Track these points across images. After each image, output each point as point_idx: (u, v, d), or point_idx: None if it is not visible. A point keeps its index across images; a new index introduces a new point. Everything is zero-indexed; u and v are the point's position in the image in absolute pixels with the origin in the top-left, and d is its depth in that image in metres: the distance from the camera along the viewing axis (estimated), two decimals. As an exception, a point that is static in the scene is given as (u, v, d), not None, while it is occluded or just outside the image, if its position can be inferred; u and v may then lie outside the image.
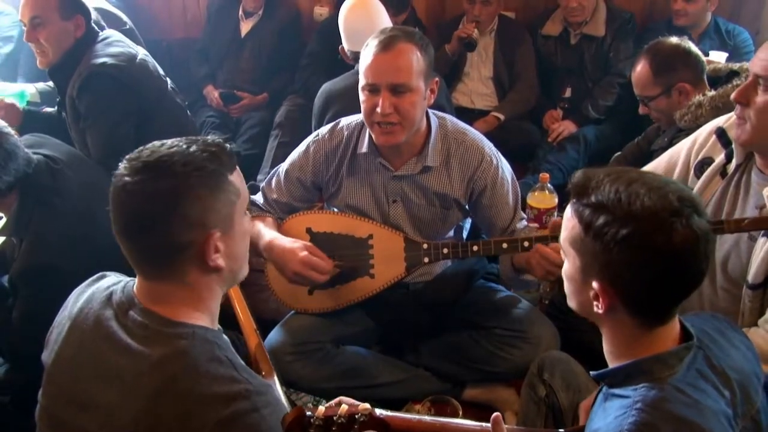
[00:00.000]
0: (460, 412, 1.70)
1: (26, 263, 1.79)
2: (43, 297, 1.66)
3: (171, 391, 1.00)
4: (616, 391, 1.06)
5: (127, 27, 3.06)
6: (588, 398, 1.44)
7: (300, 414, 1.03)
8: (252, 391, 1.02)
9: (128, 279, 1.16)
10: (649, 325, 1.05)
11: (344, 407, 1.09)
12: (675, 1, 3.01)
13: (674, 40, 2.20)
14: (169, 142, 1.09)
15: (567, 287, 1.14)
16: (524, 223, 1.95)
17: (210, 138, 1.12)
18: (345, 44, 2.49)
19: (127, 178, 1.04)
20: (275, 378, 1.43)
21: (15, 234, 1.85)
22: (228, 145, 1.12)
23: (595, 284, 1.03)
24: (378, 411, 1.11)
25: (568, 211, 1.08)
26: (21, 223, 1.81)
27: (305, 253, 1.77)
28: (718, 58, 2.64)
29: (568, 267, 1.10)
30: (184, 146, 1.07)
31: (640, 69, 2.21)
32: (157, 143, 1.09)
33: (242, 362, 1.09)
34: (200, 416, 0.98)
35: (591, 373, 1.14)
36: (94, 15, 2.57)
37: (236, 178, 1.12)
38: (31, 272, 1.79)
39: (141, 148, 1.09)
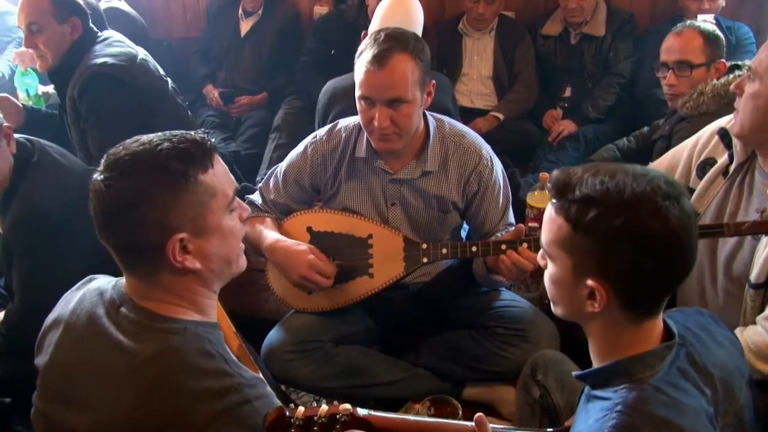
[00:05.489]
0: (460, 412, 1.69)
1: (16, 215, 1.75)
2: (40, 248, 1.66)
3: (164, 387, 1.00)
4: (598, 392, 1.05)
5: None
6: None
7: (280, 414, 1.02)
8: (243, 384, 1.02)
9: (119, 278, 1.15)
10: (639, 319, 1.03)
11: (324, 407, 1.06)
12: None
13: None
14: (146, 137, 1.06)
15: (553, 293, 1.09)
16: (510, 230, 1.94)
17: (191, 133, 1.08)
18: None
19: (98, 175, 1.04)
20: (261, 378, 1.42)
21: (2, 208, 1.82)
22: (209, 141, 1.08)
23: (590, 282, 0.99)
24: (360, 410, 1.08)
25: (550, 212, 1.04)
26: (8, 198, 1.78)
27: (311, 256, 1.77)
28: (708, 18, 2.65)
29: (556, 270, 1.06)
30: (156, 143, 1.04)
31: (690, 35, 2.23)
32: (135, 138, 1.07)
33: (234, 357, 1.08)
34: (194, 411, 0.98)
35: (573, 373, 1.12)
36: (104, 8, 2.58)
37: (210, 177, 1.07)
38: (22, 222, 1.75)
39: (122, 143, 1.07)
